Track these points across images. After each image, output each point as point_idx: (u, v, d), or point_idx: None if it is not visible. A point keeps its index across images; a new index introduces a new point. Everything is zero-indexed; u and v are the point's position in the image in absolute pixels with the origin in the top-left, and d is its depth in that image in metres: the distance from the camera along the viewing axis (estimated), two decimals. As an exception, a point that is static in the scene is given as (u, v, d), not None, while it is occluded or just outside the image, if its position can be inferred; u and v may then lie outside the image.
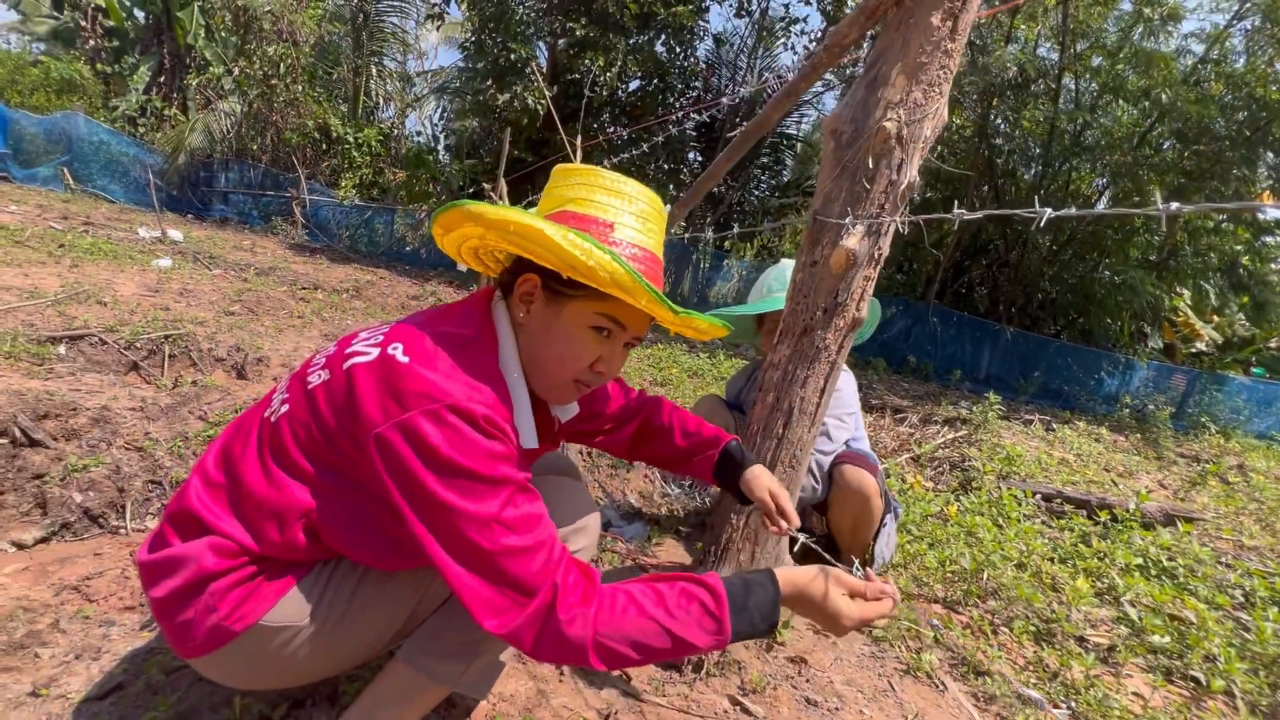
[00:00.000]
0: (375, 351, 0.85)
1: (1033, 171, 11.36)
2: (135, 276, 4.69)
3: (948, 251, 11.56)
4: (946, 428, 5.21)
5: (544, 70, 10.42)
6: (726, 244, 14.73)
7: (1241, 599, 2.41)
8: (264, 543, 0.86)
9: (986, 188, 11.28)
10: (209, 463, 0.92)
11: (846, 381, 2.02)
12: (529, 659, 1.35)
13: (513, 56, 9.25)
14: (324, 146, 12.38)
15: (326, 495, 0.86)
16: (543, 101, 8.92)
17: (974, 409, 5.31)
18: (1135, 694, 1.70)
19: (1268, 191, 9.75)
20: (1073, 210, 0.77)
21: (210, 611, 0.85)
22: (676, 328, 0.99)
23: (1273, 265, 11.25)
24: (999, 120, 10.91)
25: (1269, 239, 10.85)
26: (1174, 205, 0.70)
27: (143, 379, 2.97)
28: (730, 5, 11.38)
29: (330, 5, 13.07)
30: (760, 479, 1.19)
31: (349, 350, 0.88)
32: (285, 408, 0.89)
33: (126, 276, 4.61)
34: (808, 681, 1.46)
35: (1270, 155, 8.98)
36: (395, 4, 13.31)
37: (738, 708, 1.30)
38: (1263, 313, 12.30)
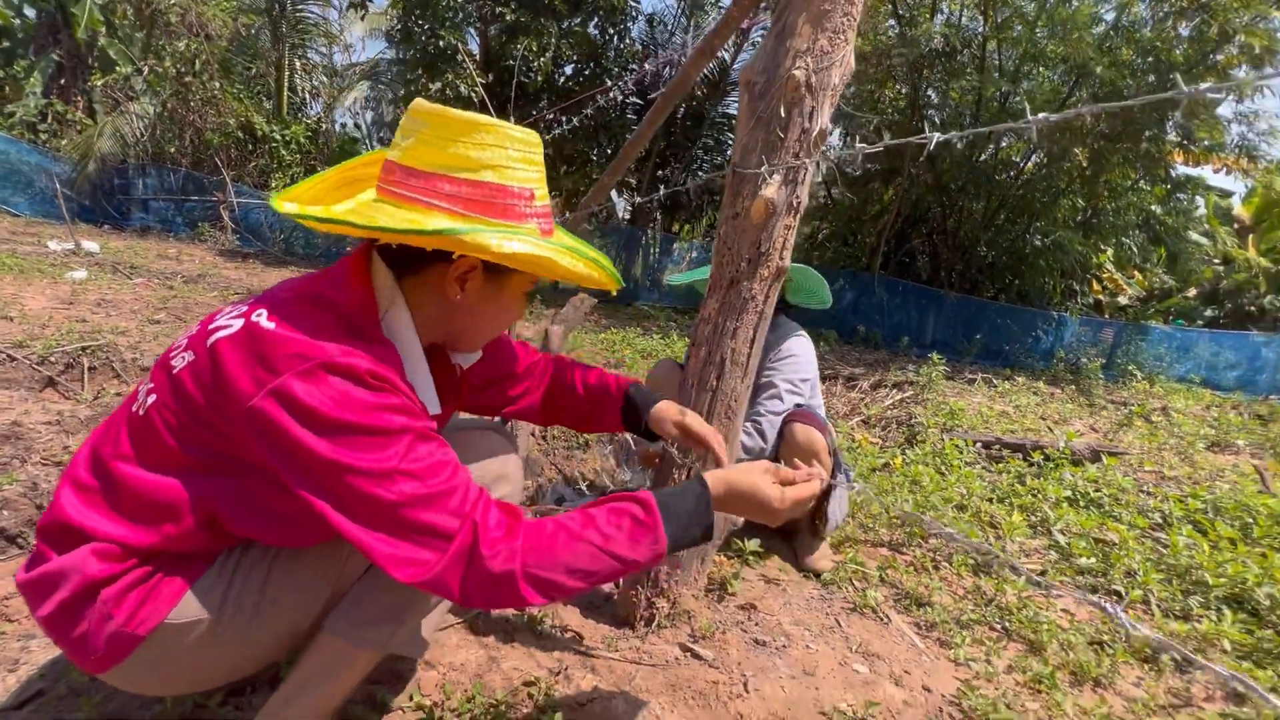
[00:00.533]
0: (239, 323, 0.80)
1: (965, 140, 11.77)
2: (46, 290, 4.39)
3: (889, 221, 11.89)
4: (895, 390, 5.39)
5: (476, 58, 10.18)
6: (675, 227, 14.80)
7: (1159, 520, 2.59)
8: (159, 538, 0.81)
9: (922, 157, 11.63)
10: (79, 470, 0.85)
11: (804, 347, 2.03)
12: (469, 610, 1.34)
13: (441, 44, 9.00)
14: (249, 146, 11.78)
15: (213, 480, 0.81)
16: (476, 90, 8.71)
17: (920, 371, 5.51)
18: (1065, 610, 1.81)
19: (1178, 150, 10.37)
20: (953, 135, 0.80)
21: (107, 620, 0.79)
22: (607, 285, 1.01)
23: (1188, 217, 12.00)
24: (930, 91, 11.24)
25: (1181, 196, 11.55)
26: (1041, 116, 0.73)
27: (61, 394, 2.80)
28: (662, -14, 11.33)
29: (242, -3, 12.39)
30: (665, 413, 1.20)
31: (212, 327, 0.82)
32: (152, 398, 0.83)
33: (35, 290, 4.32)
34: (756, 625, 1.49)
35: (1177, 115, 9.53)
36: (312, -6, 12.71)
37: (688, 653, 1.33)
38: (1177, 264, 13.15)
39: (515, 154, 0.88)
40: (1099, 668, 1.47)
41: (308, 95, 14.47)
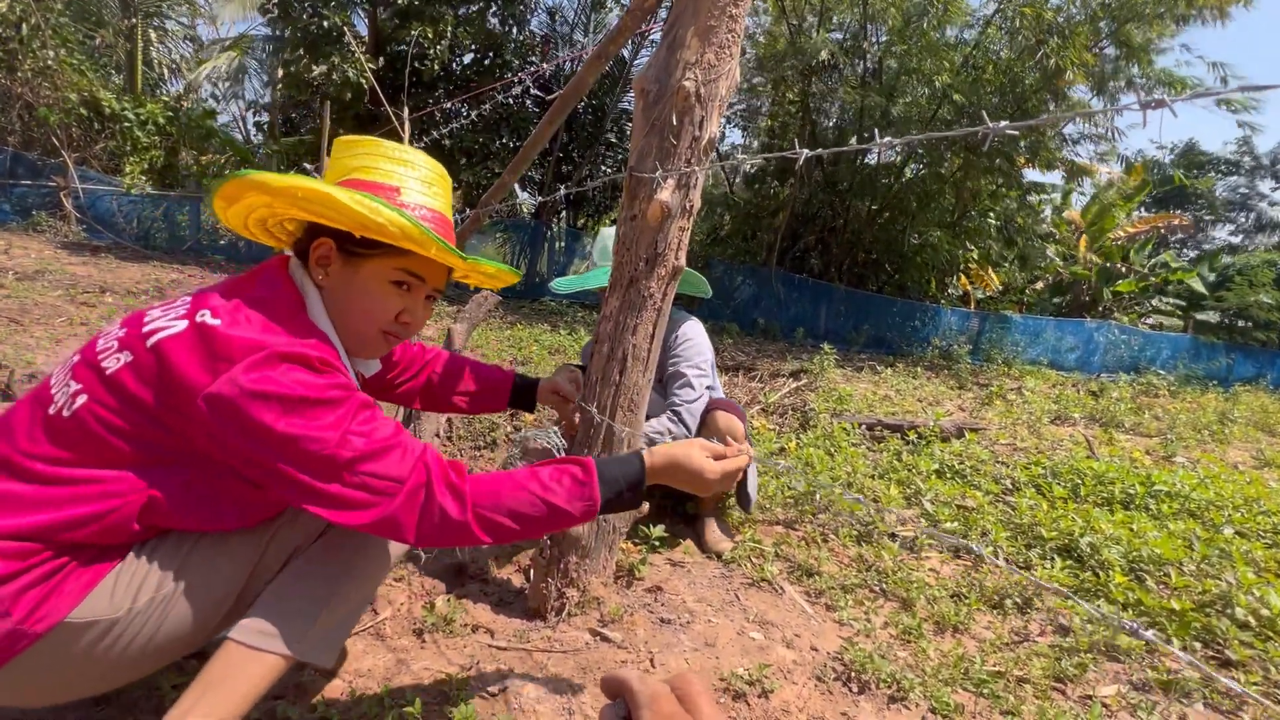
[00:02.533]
0: (182, 324, 0.84)
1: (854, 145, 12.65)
2: None
3: (784, 219, 12.53)
4: (791, 379, 5.73)
5: (364, 40, 9.62)
6: (580, 222, 14.77)
7: (1009, 485, 2.96)
8: (75, 532, 0.81)
9: (797, 165, 12.37)
10: None
11: (698, 330, 2.13)
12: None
13: (325, 24, 8.43)
14: (96, 126, 10.43)
15: (154, 472, 0.84)
16: (365, 75, 8.25)
17: (813, 361, 5.89)
18: (932, 570, 2.04)
19: (1024, 157, 11.68)
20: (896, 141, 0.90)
21: (3, 618, 0.77)
22: (466, 272, 1.12)
23: (1041, 218, 13.55)
24: (820, 98, 11.96)
25: (1031, 198, 13.04)
26: (886, 139, 0.84)
27: None
28: (560, -22, 11.24)
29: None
30: (543, 386, 1.44)
31: (147, 329, 0.85)
32: (83, 399, 0.84)
33: None
34: (662, 605, 1.58)
35: (1028, 136, 10.73)
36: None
37: (597, 638, 1.39)
38: (1028, 261, 14.86)
39: (387, 161, 0.99)
40: (957, 616, 1.68)
41: (166, 70, 13.04)
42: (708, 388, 2.08)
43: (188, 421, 0.81)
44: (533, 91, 11.05)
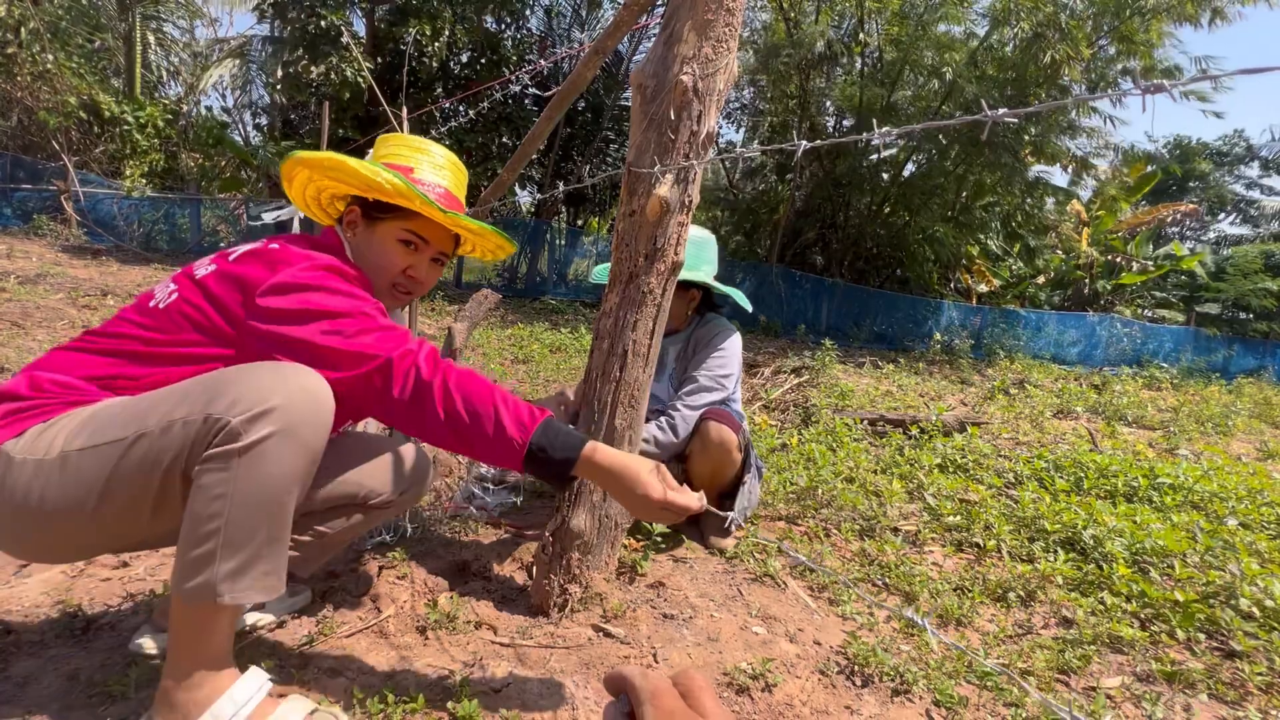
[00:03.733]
0: (253, 246, 1.11)
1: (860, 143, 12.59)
2: None
3: (784, 215, 12.50)
4: (793, 375, 5.72)
5: (362, 40, 9.60)
6: (580, 221, 14.76)
7: (1012, 479, 2.96)
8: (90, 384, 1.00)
9: (795, 159, 12.32)
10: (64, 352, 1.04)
11: (735, 345, 2.11)
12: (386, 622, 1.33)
13: (323, 24, 8.42)
14: (96, 129, 10.44)
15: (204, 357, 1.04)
16: (363, 75, 8.24)
17: (815, 357, 5.88)
18: (934, 564, 2.04)
19: (1029, 148, 11.63)
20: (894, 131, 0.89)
21: None
22: (470, 241, 1.36)
23: (1046, 211, 13.49)
24: (819, 93, 11.93)
25: (1034, 193, 12.98)
26: (885, 130, 0.84)
27: None
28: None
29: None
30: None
31: (224, 253, 1.12)
32: (175, 295, 1.05)
33: None
34: (665, 600, 1.58)
35: (1033, 128, 10.70)
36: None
37: (600, 633, 1.39)
38: (1032, 255, 14.82)
39: (407, 149, 1.28)
40: (960, 609, 1.68)
41: (165, 73, 13.04)
42: (724, 401, 2.05)
43: (245, 311, 1.02)
44: (530, 90, 11.03)
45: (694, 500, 1.00)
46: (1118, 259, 15.25)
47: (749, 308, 2.31)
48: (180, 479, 0.90)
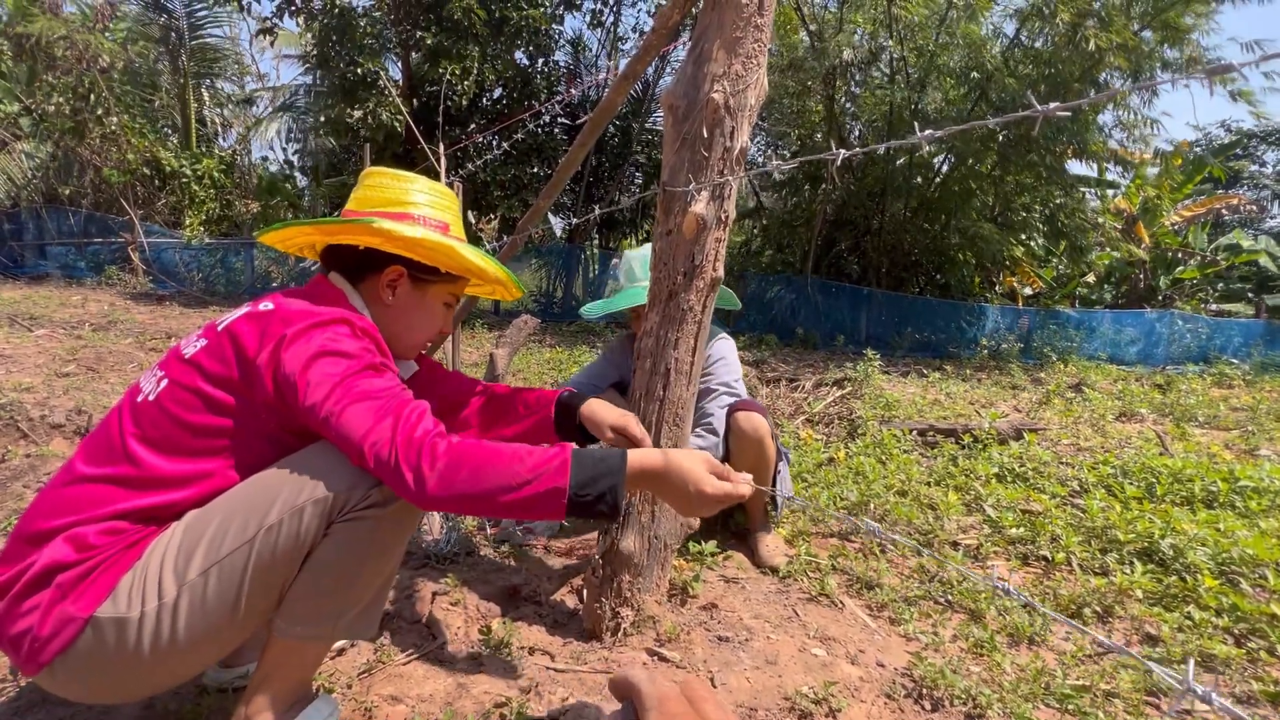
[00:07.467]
0: (244, 310, 1.01)
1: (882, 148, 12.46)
2: (-67, 348, 4.03)
3: (817, 226, 12.38)
4: (835, 388, 5.60)
5: (399, 84, 10.03)
6: (612, 244, 14.92)
7: (1077, 487, 2.81)
8: (177, 490, 0.92)
9: (834, 165, 12.22)
10: (67, 471, 0.93)
11: (729, 349, 2.14)
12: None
13: (360, 71, 8.83)
14: (157, 183, 11.15)
15: (215, 455, 0.95)
16: (400, 117, 8.59)
17: (857, 368, 5.76)
18: (1000, 577, 1.94)
19: (1072, 146, 11.25)
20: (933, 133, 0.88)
21: (58, 601, 0.83)
22: (511, 290, 1.30)
23: (1090, 209, 13.00)
24: (845, 101, 11.85)
25: (1076, 190, 12.53)
26: (928, 133, 0.83)
27: (-42, 460, 2.58)
28: (585, 16, 11.52)
29: (133, 25, 11.72)
30: (599, 417, 1.25)
31: (212, 325, 1.02)
32: (165, 383, 0.96)
33: (-79, 349, 3.96)
34: (719, 623, 1.54)
35: (1071, 125, 10.37)
36: (210, 18, 12.17)
37: (655, 657, 1.36)
38: (1079, 255, 14.24)
39: (399, 186, 1.15)
40: (1032, 627, 1.59)
41: (219, 127, 13.86)
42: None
43: (249, 387, 0.93)
44: (560, 120, 11.29)
45: (744, 486, 0.96)
46: (1175, 252, 14.52)
47: (738, 306, 2.22)
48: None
